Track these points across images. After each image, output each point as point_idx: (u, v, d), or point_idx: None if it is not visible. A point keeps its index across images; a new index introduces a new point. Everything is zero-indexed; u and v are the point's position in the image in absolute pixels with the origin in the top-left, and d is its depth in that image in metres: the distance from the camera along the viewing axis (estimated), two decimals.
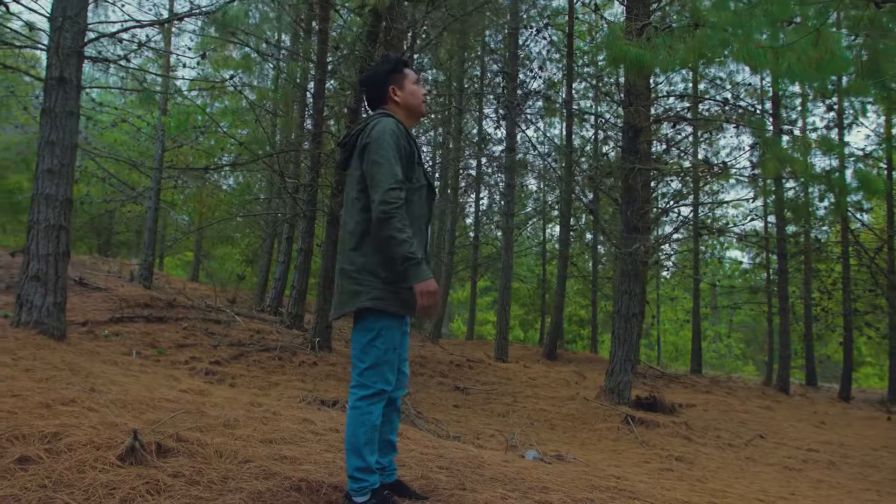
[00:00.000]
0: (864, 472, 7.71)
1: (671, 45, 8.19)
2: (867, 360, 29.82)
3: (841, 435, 9.88)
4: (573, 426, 8.32)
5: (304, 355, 9.26)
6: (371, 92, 3.02)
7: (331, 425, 4.58)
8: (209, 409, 4.46)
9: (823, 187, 12.91)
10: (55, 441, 3.07)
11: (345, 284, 2.82)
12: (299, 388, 7.84)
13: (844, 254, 17.28)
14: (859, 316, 17.61)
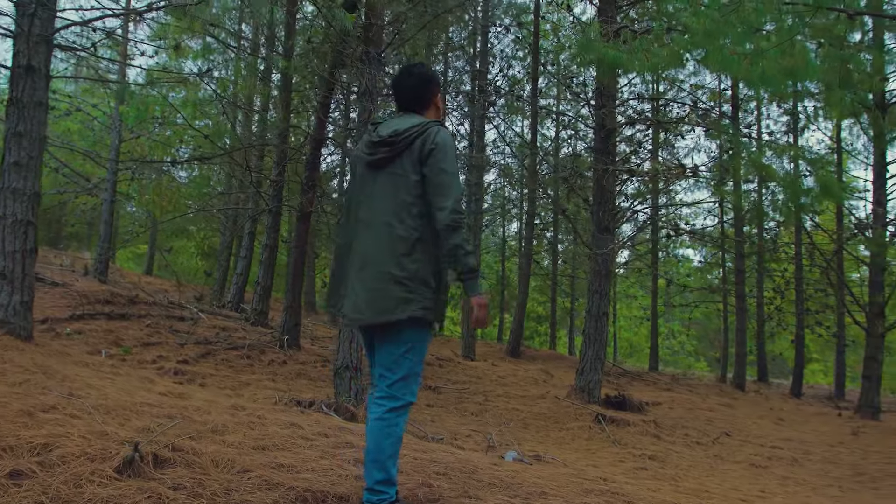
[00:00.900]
0: (826, 469, 7.95)
1: (647, 49, 8.29)
2: (814, 357, 30.84)
3: (800, 432, 10.18)
4: (546, 425, 8.37)
5: (272, 354, 9.10)
6: (420, 91, 2.89)
7: (318, 430, 4.49)
8: (193, 413, 4.32)
9: (782, 190, 13.24)
10: (46, 453, 2.93)
11: (392, 290, 2.65)
12: (271, 387, 7.70)
13: (797, 255, 17.81)
14: (811, 315, 18.18)
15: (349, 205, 2.93)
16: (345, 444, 4.20)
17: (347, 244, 2.86)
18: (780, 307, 18.47)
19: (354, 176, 2.93)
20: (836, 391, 18.85)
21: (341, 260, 2.88)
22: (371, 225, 2.75)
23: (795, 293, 17.91)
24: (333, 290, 2.89)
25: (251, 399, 6.79)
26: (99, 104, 18.22)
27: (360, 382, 6.84)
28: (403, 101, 2.91)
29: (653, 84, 17.30)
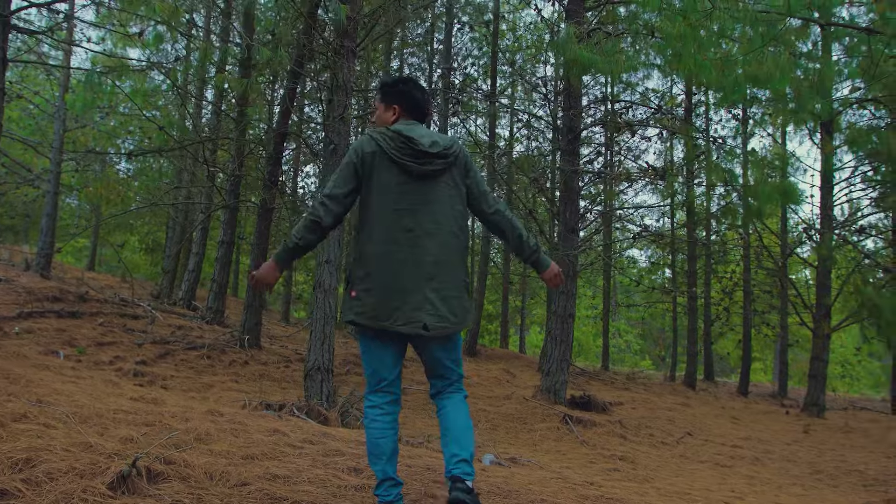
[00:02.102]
0: (785, 467, 8.15)
1: (620, 52, 8.33)
2: (755, 356, 31.88)
3: (755, 430, 10.43)
4: (515, 426, 8.34)
5: (233, 354, 8.82)
6: (429, 104, 3.10)
7: (302, 436, 4.33)
8: (171, 420, 4.10)
9: (735, 193, 13.55)
10: (30, 469, 2.70)
11: (465, 297, 2.88)
12: (236, 389, 7.45)
13: (746, 257, 18.31)
14: (757, 315, 18.72)
15: (383, 213, 2.79)
16: (333, 451, 4.05)
17: (393, 254, 2.76)
18: (727, 308, 18.96)
19: (385, 187, 2.80)
20: (780, 389, 19.48)
21: (392, 270, 2.76)
22: (434, 234, 2.80)
23: (743, 294, 18.41)
24: (383, 303, 2.74)
25: (217, 402, 6.55)
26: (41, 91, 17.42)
27: (332, 384, 6.66)
28: (417, 112, 3.01)
29: (609, 87, 17.50)
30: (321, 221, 2.73)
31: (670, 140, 17.03)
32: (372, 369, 2.88)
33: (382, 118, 3.01)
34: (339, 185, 2.78)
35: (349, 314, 2.79)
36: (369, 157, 2.80)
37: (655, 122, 9.74)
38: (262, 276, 2.77)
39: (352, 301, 2.79)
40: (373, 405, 2.88)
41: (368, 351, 2.87)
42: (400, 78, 3.07)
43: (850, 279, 12.06)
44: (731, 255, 19.16)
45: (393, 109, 2.99)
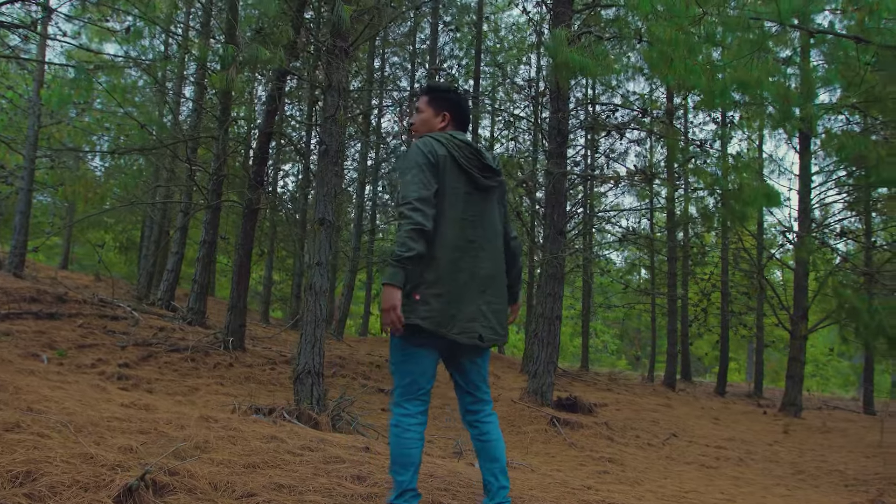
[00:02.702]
0: (768, 468, 8.24)
1: (609, 55, 8.35)
2: (730, 357, 32.29)
3: (737, 431, 10.54)
4: (504, 429, 8.31)
5: (217, 356, 8.69)
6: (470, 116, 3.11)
7: (300, 443, 4.26)
8: (166, 428, 4.02)
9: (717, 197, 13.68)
10: (31, 483, 2.61)
11: (506, 310, 2.94)
12: (223, 393, 7.35)
13: (724, 259, 18.52)
14: (735, 316, 18.95)
15: (452, 219, 2.75)
16: (333, 458, 3.99)
17: (458, 261, 2.74)
18: (705, 309, 19.17)
19: (454, 192, 2.76)
20: (755, 389, 19.77)
21: (456, 278, 2.72)
22: (486, 247, 2.82)
23: (721, 296, 18.62)
24: (444, 312, 2.68)
25: (205, 406, 6.45)
26: (14, 86, 17.02)
27: (323, 388, 6.59)
28: (464, 124, 3.03)
29: (591, 90, 17.57)
30: (424, 227, 2.59)
31: (650, 142, 17.18)
32: (412, 378, 2.77)
33: (430, 123, 2.95)
34: (426, 186, 2.67)
35: (411, 317, 2.64)
36: (442, 159, 2.74)
37: (643, 125, 9.79)
38: (395, 303, 2.57)
39: (415, 304, 2.65)
40: (407, 414, 2.78)
41: (412, 358, 2.75)
42: (449, 86, 3.08)
43: (828, 281, 12.24)
44: (709, 257, 19.36)
45: (443, 116, 2.95)
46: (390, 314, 2.58)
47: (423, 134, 2.94)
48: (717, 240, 19.54)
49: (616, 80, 14.69)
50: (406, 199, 2.64)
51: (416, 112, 3.01)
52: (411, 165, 2.70)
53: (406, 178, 2.68)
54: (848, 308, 10.97)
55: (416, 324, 2.64)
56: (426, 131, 2.94)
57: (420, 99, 3.03)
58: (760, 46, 8.39)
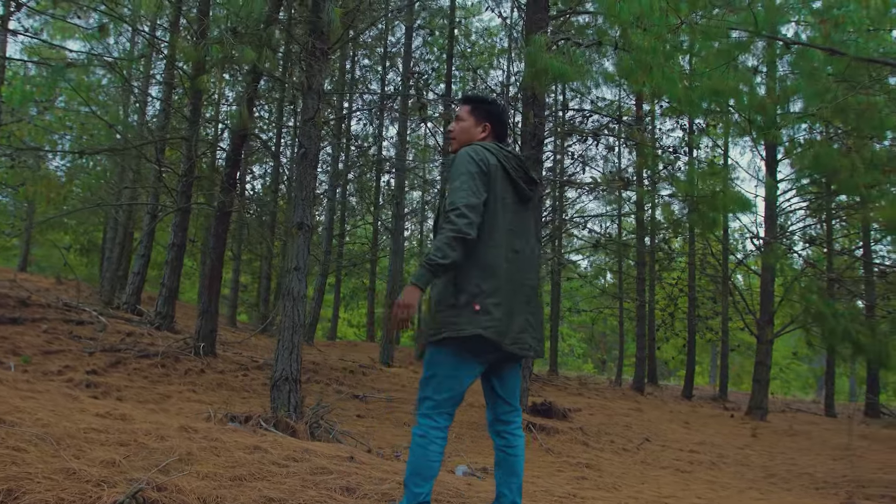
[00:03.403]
0: (741, 472, 8.36)
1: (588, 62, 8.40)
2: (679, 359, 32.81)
3: (707, 435, 10.68)
4: (480, 435, 8.28)
5: (188, 362, 8.50)
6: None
7: (284, 453, 4.17)
8: (145, 439, 3.89)
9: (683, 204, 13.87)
10: (13, 501, 2.49)
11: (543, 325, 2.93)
12: (195, 400, 7.18)
13: (691, 265, 18.79)
14: (701, 321, 19.24)
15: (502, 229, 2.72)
16: (320, 469, 3.91)
17: (509, 272, 2.71)
18: (672, 313, 19.43)
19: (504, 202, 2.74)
20: (720, 392, 20.08)
21: (509, 289, 2.69)
22: (529, 258, 2.82)
23: (688, 300, 18.89)
24: (504, 322, 2.64)
25: (179, 414, 6.29)
26: None
27: (300, 395, 6.48)
28: (503, 136, 3.01)
29: (562, 95, 17.69)
30: (468, 235, 2.52)
31: (619, 148, 17.37)
32: (452, 393, 2.69)
33: (471, 132, 2.93)
34: (475, 193, 2.61)
35: (471, 328, 2.56)
36: (493, 169, 2.72)
37: (616, 131, 9.88)
38: (412, 303, 2.50)
39: (475, 314, 2.58)
40: (436, 427, 2.71)
41: (458, 371, 2.67)
42: (492, 98, 3.08)
43: (794, 287, 12.48)
44: (676, 262, 19.64)
45: (484, 126, 2.94)
46: (404, 311, 2.49)
47: (462, 142, 2.94)
48: (684, 245, 19.82)
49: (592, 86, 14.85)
50: (454, 204, 2.57)
51: (456, 120, 3.00)
52: (461, 172, 2.65)
53: (455, 185, 2.63)
54: (814, 313, 11.21)
55: (479, 334, 2.57)
56: (466, 140, 2.93)
57: (461, 108, 3.01)
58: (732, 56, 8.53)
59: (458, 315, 2.58)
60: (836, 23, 9.04)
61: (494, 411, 2.92)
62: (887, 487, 7.70)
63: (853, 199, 16.33)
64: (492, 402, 2.91)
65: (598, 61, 10.68)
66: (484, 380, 2.90)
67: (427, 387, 2.71)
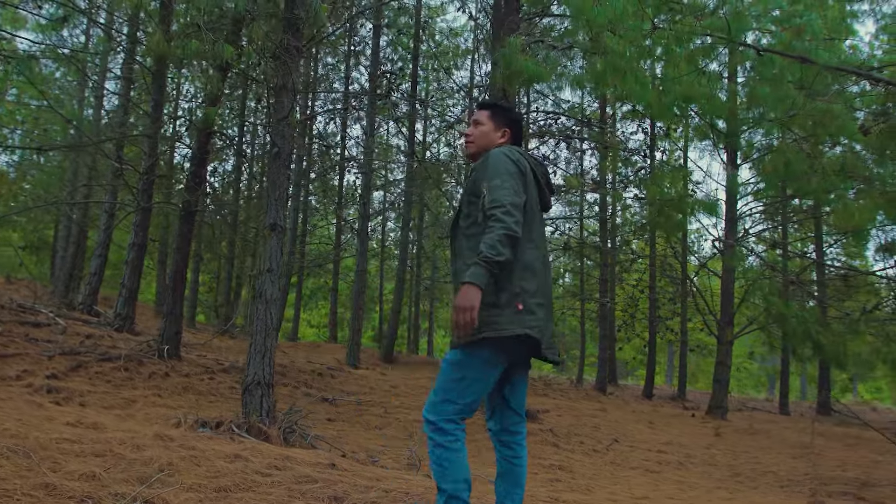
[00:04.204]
0: (708, 471, 8.49)
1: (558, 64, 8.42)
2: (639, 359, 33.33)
3: (672, 435, 10.83)
4: None
5: (152, 365, 8.26)
6: None
7: (265, 461, 4.06)
8: (121, 449, 3.74)
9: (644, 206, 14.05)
10: None
11: None
12: (162, 405, 6.97)
13: (652, 266, 19.08)
14: (661, 322, 19.55)
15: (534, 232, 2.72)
16: (303, 478, 3.82)
17: (545, 276, 2.71)
18: (633, 314, 19.70)
19: (533, 206, 2.73)
20: (679, 392, 20.44)
21: (545, 291, 2.69)
22: (547, 264, 2.76)
23: (649, 301, 19.17)
24: (545, 323, 2.63)
25: (146, 420, 6.10)
26: None
27: (273, 399, 6.34)
28: (520, 143, 2.98)
29: (526, 97, 17.76)
30: (517, 233, 2.48)
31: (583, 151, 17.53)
32: (477, 396, 2.62)
33: (490, 137, 2.90)
34: (519, 192, 2.59)
35: (515, 328, 2.51)
36: (527, 171, 2.72)
37: (585, 134, 9.96)
38: (475, 303, 2.40)
39: (518, 314, 2.53)
40: (462, 430, 2.66)
41: (488, 374, 2.60)
42: (510, 104, 3.04)
43: (755, 288, 12.74)
44: (637, 263, 19.92)
45: (503, 132, 2.92)
46: (468, 314, 2.39)
47: (480, 146, 2.90)
48: (645, 247, 20.11)
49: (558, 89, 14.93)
50: (498, 202, 2.52)
51: (474, 124, 2.95)
52: (500, 171, 2.61)
53: (495, 183, 2.58)
54: (776, 314, 11.47)
55: (525, 334, 2.53)
56: (485, 144, 2.90)
57: (480, 112, 2.98)
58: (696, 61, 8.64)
59: (500, 314, 2.52)
60: (798, 31, 9.27)
61: (502, 421, 2.84)
62: (847, 485, 7.91)
63: (805, 203, 16.84)
64: (500, 411, 2.83)
65: (566, 64, 10.74)
66: (496, 387, 2.85)
67: (452, 390, 2.59)
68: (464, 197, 2.77)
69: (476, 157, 2.91)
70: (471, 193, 2.70)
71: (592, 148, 13.37)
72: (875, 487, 7.68)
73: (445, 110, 18.75)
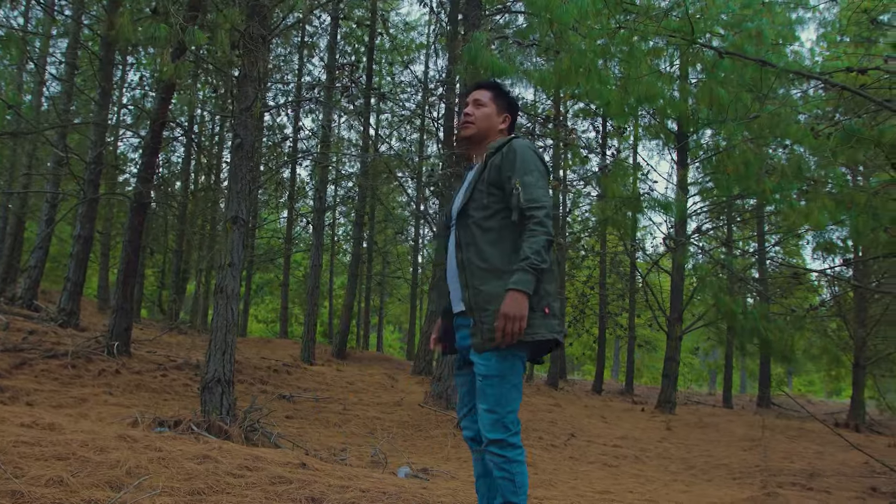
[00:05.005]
0: (663, 464, 8.66)
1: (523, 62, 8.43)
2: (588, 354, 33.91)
3: (625, 429, 11.02)
4: (411, 434, 8.19)
5: (102, 362, 7.95)
6: None
7: (236, 462, 3.93)
8: (83, 451, 3.57)
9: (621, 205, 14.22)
10: None
11: None
12: (114, 403, 6.72)
13: (602, 263, 19.38)
14: (611, 317, 19.89)
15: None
16: (277, 478, 3.71)
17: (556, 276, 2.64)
18: (583, 310, 19.98)
19: None
20: (627, 386, 20.86)
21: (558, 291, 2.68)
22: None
23: (599, 298, 19.47)
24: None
25: (99, 419, 5.86)
26: None
27: (233, 397, 6.18)
28: (513, 130, 2.89)
29: None
30: (554, 240, 2.44)
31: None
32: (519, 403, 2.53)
33: (492, 120, 2.72)
34: (549, 192, 2.53)
35: (545, 332, 2.44)
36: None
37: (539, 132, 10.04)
38: (524, 312, 2.34)
39: (546, 317, 2.45)
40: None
41: (521, 378, 2.52)
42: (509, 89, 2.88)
43: (704, 285, 13.04)
44: (587, 260, 20.20)
45: (504, 118, 2.76)
46: (518, 323, 2.33)
47: (481, 129, 2.70)
48: (595, 243, 20.41)
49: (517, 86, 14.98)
50: (538, 202, 2.44)
51: (475, 105, 2.72)
52: (531, 168, 2.51)
53: (529, 180, 2.47)
54: (725, 312, 11.78)
55: (556, 338, 2.48)
56: (486, 127, 2.71)
57: (481, 91, 2.76)
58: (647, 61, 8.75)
59: (533, 318, 2.43)
60: (750, 35, 9.51)
61: (472, 430, 2.76)
62: (795, 476, 8.18)
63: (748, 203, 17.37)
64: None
65: (525, 61, 10.78)
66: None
67: (514, 400, 2.50)
68: (479, 185, 2.58)
69: (473, 139, 2.72)
70: (492, 184, 2.55)
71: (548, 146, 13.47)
72: (821, 477, 7.96)
73: (401, 104, 18.62)
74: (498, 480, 2.48)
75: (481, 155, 2.71)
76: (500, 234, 2.51)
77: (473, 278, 2.50)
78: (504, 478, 2.46)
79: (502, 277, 2.45)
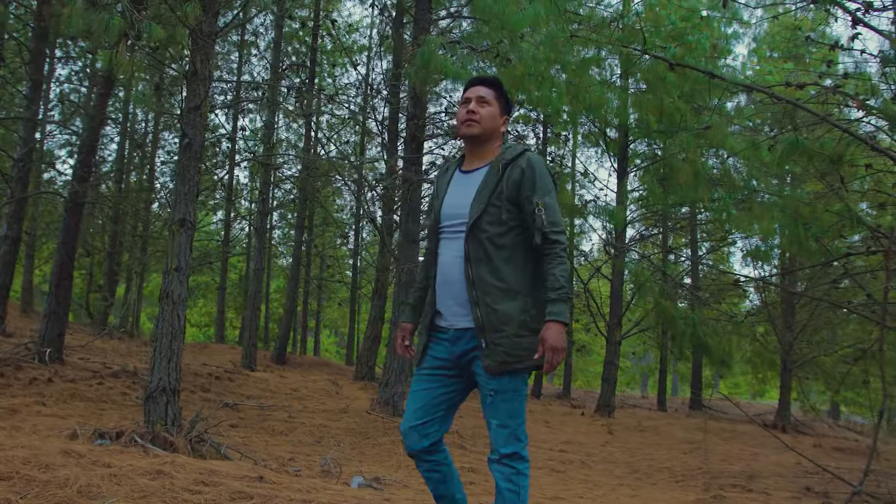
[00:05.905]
0: (609, 469, 8.79)
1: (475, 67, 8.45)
2: None
3: (569, 434, 11.15)
4: (359, 442, 8.07)
5: (32, 370, 7.55)
6: None
7: (191, 477, 3.77)
8: (27, 468, 3.36)
9: None
10: None
11: None
12: (48, 413, 6.38)
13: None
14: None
15: None
16: (237, 494, 3.58)
17: None
18: None
19: None
20: (564, 390, 21.17)
21: None
22: None
23: None
24: None
25: (34, 431, 5.54)
26: None
27: (178, 406, 5.94)
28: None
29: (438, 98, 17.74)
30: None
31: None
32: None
33: (496, 121, 2.62)
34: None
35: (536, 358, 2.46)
36: None
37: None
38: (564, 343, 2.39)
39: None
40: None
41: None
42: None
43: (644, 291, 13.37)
44: None
45: (504, 119, 2.67)
46: (560, 355, 2.39)
47: (486, 129, 2.58)
48: None
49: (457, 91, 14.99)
50: (560, 228, 2.49)
51: (479, 102, 2.58)
52: (549, 188, 2.50)
53: (549, 202, 2.47)
54: (666, 317, 12.12)
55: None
56: (490, 128, 2.59)
57: (485, 89, 2.62)
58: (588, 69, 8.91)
59: (536, 340, 2.44)
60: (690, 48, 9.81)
61: (442, 428, 2.79)
62: (735, 478, 8.43)
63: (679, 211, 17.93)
64: (446, 419, 2.79)
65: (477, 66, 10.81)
66: (461, 398, 2.78)
67: (521, 412, 2.56)
68: (494, 200, 2.48)
69: (476, 139, 2.59)
70: (510, 201, 2.47)
71: None
72: (760, 479, 8.23)
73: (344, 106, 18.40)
74: (504, 492, 2.49)
75: (482, 157, 2.62)
76: (513, 252, 2.48)
77: (486, 296, 2.45)
78: (511, 490, 2.47)
79: (517, 298, 2.45)
